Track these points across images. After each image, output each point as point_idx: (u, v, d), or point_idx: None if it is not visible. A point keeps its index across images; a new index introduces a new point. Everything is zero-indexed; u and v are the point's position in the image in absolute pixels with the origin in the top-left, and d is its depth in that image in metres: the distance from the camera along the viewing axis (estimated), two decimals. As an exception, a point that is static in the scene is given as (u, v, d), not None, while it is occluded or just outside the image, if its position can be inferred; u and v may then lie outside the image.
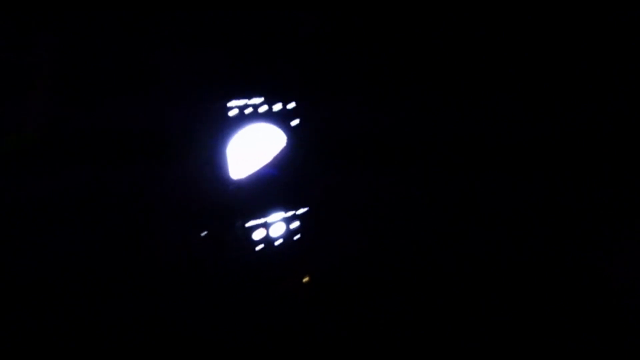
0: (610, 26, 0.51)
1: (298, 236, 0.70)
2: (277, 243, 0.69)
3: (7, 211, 0.60)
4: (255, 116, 0.64)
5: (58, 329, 0.63)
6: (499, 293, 0.62)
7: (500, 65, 0.58)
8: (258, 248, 0.69)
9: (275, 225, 0.69)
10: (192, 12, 0.59)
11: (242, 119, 0.63)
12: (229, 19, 0.60)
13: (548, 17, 0.53)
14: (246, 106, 0.63)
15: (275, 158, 0.66)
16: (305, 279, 0.72)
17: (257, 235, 0.68)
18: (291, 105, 0.66)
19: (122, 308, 0.61)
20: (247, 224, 0.67)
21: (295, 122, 0.66)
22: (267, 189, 0.67)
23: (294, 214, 0.69)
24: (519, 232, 0.63)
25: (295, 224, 0.70)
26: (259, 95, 0.64)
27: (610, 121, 0.54)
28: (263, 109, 0.64)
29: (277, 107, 0.65)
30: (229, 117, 0.62)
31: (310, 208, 0.70)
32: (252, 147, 0.65)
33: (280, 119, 0.66)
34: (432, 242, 0.68)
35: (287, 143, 0.66)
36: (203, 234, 0.67)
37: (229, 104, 0.62)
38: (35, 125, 0.62)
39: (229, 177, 0.64)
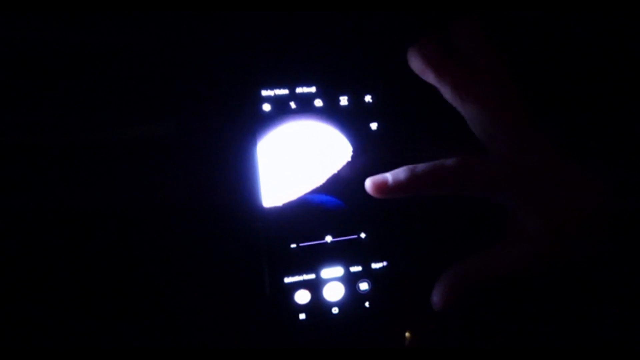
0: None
1: (367, 304, 0.45)
2: (333, 311, 0.45)
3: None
4: (305, 113, 0.41)
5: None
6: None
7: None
8: (301, 317, 0.43)
9: (329, 285, 0.45)
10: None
11: (282, 117, 0.41)
12: None
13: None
14: (289, 97, 0.41)
15: (335, 178, 0.42)
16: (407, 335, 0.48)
17: (301, 298, 0.43)
18: (368, 98, 0.43)
19: None
20: (286, 280, 0.43)
21: (374, 125, 0.43)
22: (319, 227, 0.43)
23: (363, 270, 0.45)
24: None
25: (363, 285, 0.45)
26: (310, 83, 0.41)
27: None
28: (318, 102, 0.41)
29: (344, 100, 0.42)
30: (262, 113, 0.40)
31: (389, 262, 0.45)
32: (297, 161, 0.42)
33: (348, 118, 0.43)
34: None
35: (357, 156, 0.43)
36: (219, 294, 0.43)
37: (264, 93, 0.40)
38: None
39: (259, 205, 0.41)
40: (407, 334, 0.48)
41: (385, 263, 0.44)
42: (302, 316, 0.43)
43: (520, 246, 0.39)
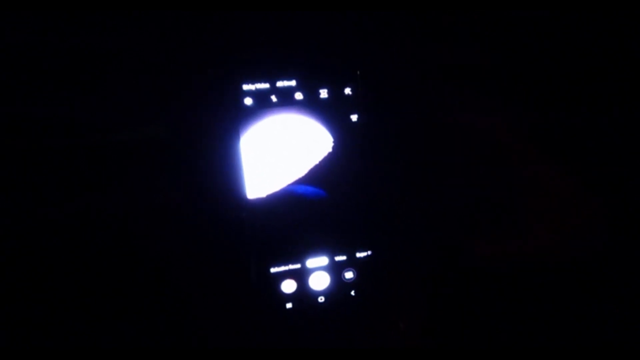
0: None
1: (353, 292, 0.46)
2: (319, 300, 0.47)
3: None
4: (286, 106, 0.43)
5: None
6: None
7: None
8: (288, 306, 0.45)
9: (315, 275, 0.46)
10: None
11: (263, 110, 0.42)
12: None
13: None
14: (270, 91, 0.42)
15: (318, 169, 0.43)
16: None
17: (288, 288, 0.45)
18: (348, 90, 0.43)
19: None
20: (273, 270, 0.44)
21: (354, 117, 0.43)
22: (303, 217, 0.44)
23: (348, 259, 0.45)
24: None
25: (348, 274, 0.46)
26: (290, 77, 0.43)
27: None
28: (298, 95, 0.43)
29: (324, 93, 0.43)
30: (244, 107, 0.42)
31: (374, 251, 0.45)
32: (280, 153, 0.43)
33: (328, 110, 0.43)
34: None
35: (338, 147, 0.43)
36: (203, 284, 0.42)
37: (245, 87, 0.42)
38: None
39: (244, 197, 0.43)
40: (400, 325, 0.47)
41: (369, 252, 0.44)
42: (289, 305, 0.44)
43: (517, 241, 0.39)
